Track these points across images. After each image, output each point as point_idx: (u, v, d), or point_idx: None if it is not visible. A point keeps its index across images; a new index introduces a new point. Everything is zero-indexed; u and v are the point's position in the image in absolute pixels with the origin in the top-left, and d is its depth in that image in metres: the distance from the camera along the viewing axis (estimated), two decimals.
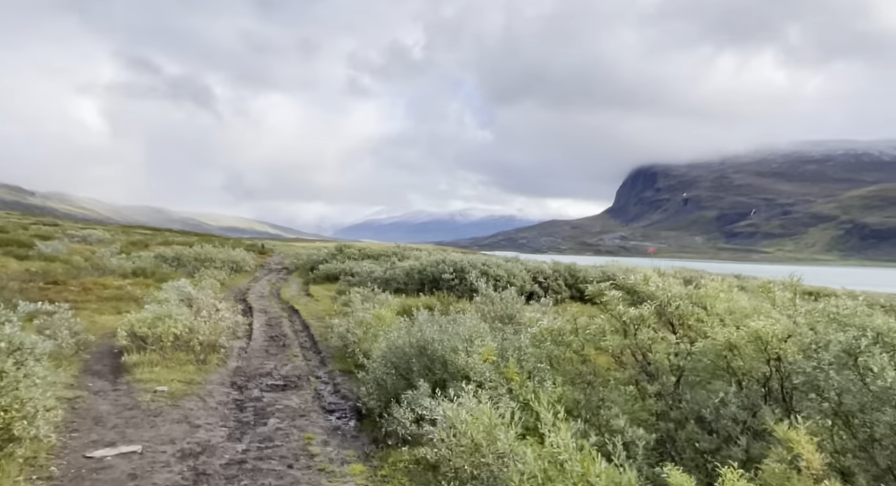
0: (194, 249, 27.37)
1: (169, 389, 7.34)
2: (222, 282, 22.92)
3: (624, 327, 5.23)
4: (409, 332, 7.02)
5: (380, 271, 20.89)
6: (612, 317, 5.29)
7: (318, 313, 15.99)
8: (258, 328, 13.01)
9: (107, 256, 27.32)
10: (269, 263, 39.63)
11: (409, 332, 7.04)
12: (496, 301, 9.19)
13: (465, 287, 18.06)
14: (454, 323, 6.77)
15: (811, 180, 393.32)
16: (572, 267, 19.15)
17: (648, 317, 4.87)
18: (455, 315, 7.61)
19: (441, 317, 8.12)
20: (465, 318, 7.24)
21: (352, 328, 10.16)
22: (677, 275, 21.59)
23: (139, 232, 58.82)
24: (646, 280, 5.51)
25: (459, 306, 12.73)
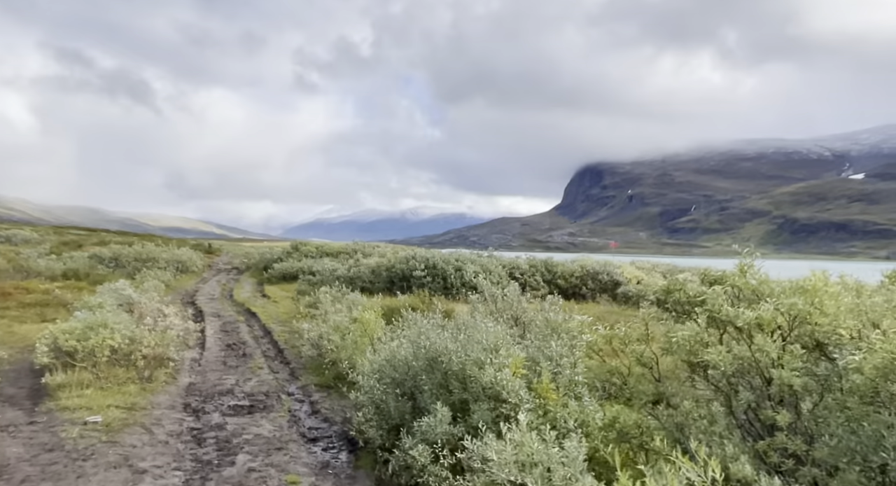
0: (134, 248, 25.04)
1: (104, 419, 5.74)
2: (167, 284, 20.84)
3: (731, 335, 4.07)
4: (414, 340, 5.70)
5: (343, 270, 19.34)
6: (711, 321, 4.12)
7: (279, 315, 14.38)
8: (212, 335, 11.35)
9: (33, 257, 24.66)
10: (217, 263, 37.28)
11: (412, 340, 5.72)
12: (499, 300, 7.95)
13: (437, 285, 16.78)
14: (472, 329, 5.48)
15: (746, 177, 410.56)
16: (549, 262, 18.16)
17: (769, 321, 3.74)
18: (465, 319, 6.33)
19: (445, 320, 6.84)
20: (480, 322, 5.98)
21: (327, 334, 8.72)
22: (654, 269, 21.02)
23: (72, 232, 54.81)
24: (742, 272, 4.35)
25: (445, 305, 11.46)
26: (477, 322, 6.10)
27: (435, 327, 6.22)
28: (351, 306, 11.37)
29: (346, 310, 11.12)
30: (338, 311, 10.97)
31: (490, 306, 8.03)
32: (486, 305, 8.23)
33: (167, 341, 7.73)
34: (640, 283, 16.62)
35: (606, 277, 16.71)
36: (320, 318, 10.88)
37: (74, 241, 41.09)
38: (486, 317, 7.39)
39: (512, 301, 7.85)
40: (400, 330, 8.09)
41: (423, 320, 6.56)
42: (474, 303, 8.55)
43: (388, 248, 27.73)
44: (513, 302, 7.84)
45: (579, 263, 18.04)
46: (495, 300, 7.96)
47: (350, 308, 11.22)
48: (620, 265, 17.84)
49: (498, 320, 7.68)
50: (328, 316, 10.80)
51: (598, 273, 16.87)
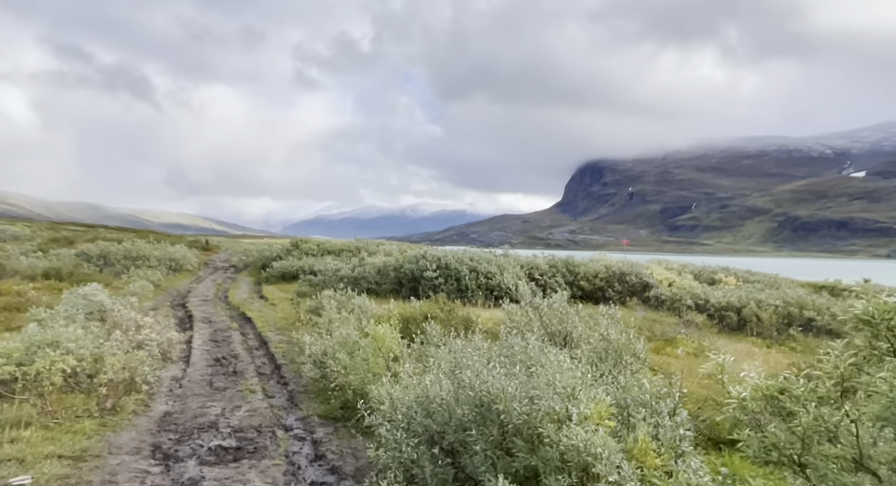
0: (124, 245, 23.56)
1: (35, 479, 4.29)
2: (157, 283, 19.40)
3: None
4: (452, 373, 4.27)
5: (347, 269, 17.88)
6: None
7: (277, 321, 12.95)
8: (200, 347, 9.90)
9: (15, 254, 23.21)
10: (214, 260, 35.83)
11: (450, 373, 4.29)
12: (544, 311, 6.51)
13: (451, 286, 15.34)
14: (533, 361, 4.04)
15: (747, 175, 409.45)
16: (570, 262, 16.71)
17: None
18: (512, 340, 4.89)
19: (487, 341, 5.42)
20: (533, 344, 4.56)
21: (332, 350, 7.29)
22: (684, 270, 19.58)
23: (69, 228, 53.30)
24: None
25: (467, 311, 10.02)
26: (530, 346, 4.68)
27: (474, 352, 4.80)
28: (359, 314, 9.93)
29: (353, 319, 9.69)
30: (344, 320, 9.54)
31: (529, 316, 6.60)
32: (526, 315, 6.80)
33: (136, 362, 6.28)
34: (672, 285, 15.19)
35: (635, 278, 15.27)
36: (323, 327, 9.44)
37: (66, 237, 39.59)
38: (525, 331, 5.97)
39: (560, 312, 6.41)
40: (422, 349, 6.67)
41: (458, 343, 5.14)
42: (510, 313, 7.12)
43: (393, 246, 26.28)
44: (560, 313, 6.40)
45: (603, 263, 16.59)
46: (539, 312, 6.51)
47: (359, 317, 9.78)
48: (648, 266, 16.41)
49: (545, 337, 6.25)
50: (333, 326, 9.37)
51: (626, 274, 15.42)
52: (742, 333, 11.50)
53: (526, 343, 4.81)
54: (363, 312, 10.07)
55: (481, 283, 15.25)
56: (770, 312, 11.52)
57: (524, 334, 6.05)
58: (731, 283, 16.36)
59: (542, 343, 4.84)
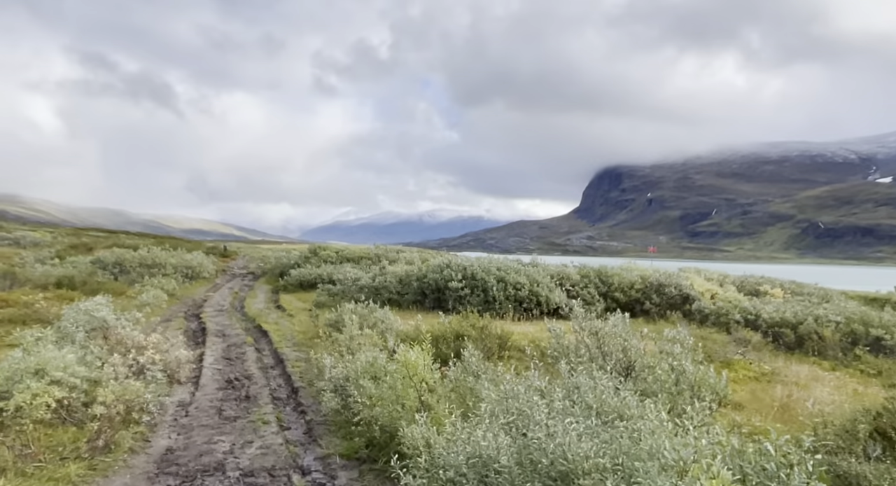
0: (140, 252, 23.05)
1: None
2: (171, 293, 18.80)
3: None
4: (510, 425, 3.41)
5: (367, 278, 17.10)
6: None
7: (295, 335, 12.18)
8: (211, 365, 9.15)
9: (30, 262, 22.84)
10: (232, 267, 35.37)
11: (508, 425, 3.43)
12: (601, 332, 5.58)
13: (477, 298, 14.46)
14: (617, 417, 3.17)
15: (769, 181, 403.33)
16: (603, 271, 15.73)
17: None
18: (579, 379, 4.02)
19: (545, 376, 4.55)
20: (603, 382, 3.69)
21: (354, 376, 6.48)
22: (725, 280, 18.49)
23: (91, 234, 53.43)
24: None
25: (499, 327, 9.14)
26: (599, 386, 3.79)
27: (530, 390, 3.94)
28: (384, 331, 9.11)
29: (376, 336, 8.87)
30: (367, 337, 8.72)
31: (584, 340, 5.70)
32: (578, 338, 5.90)
33: (133, 393, 5.49)
34: (715, 298, 14.15)
35: (674, 290, 14.26)
36: (344, 346, 8.63)
37: (85, 244, 39.42)
38: (575, 356, 5.08)
39: (623, 338, 5.50)
40: (459, 380, 5.81)
41: (507, 377, 4.28)
42: (557, 335, 6.22)
43: (414, 253, 25.49)
44: (624, 339, 5.49)
45: (638, 272, 15.60)
46: (598, 337, 5.60)
47: (383, 334, 8.96)
48: (688, 276, 15.37)
49: (604, 365, 5.35)
50: (354, 345, 8.56)
51: (664, 286, 14.42)
52: (800, 352, 10.47)
53: (594, 381, 3.93)
54: (388, 329, 9.25)
55: (510, 294, 14.35)
56: (832, 329, 10.48)
57: (575, 361, 5.17)
58: (778, 295, 15.27)
59: (605, 376, 3.95)
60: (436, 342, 8.15)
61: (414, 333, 8.63)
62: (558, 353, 5.99)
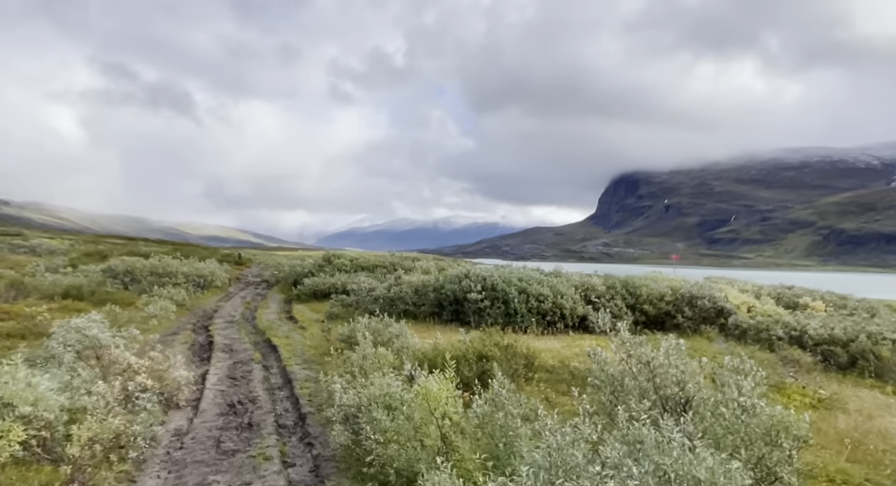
0: (150, 261, 22.62)
1: None
2: (181, 303, 18.27)
3: None
4: None
5: (382, 289, 16.43)
6: None
7: (306, 351, 11.51)
8: (214, 386, 8.49)
9: (41, 271, 22.51)
10: (246, 275, 34.96)
11: None
12: (654, 362, 4.77)
13: (497, 310, 13.71)
14: None
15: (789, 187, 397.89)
16: (630, 282, 14.89)
17: None
18: (641, 431, 3.28)
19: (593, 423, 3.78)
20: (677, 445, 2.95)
21: (367, 407, 5.78)
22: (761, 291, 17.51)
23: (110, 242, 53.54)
24: None
25: (523, 343, 8.38)
26: (666, 436, 3.04)
27: (580, 441, 3.19)
28: (400, 350, 8.40)
29: (392, 355, 8.16)
30: (381, 357, 8.02)
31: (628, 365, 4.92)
32: (626, 367, 5.12)
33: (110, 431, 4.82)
34: (752, 311, 13.25)
35: (708, 303, 13.38)
36: (357, 366, 7.93)
37: (100, 252, 39.27)
38: (618, 387, 4.32)
39: (679, 369, 4.71)
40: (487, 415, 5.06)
41: (551, 422, 3.53)
42: (601, 362, 5.45)
43: (430, 262, 24.79)
44: (681, 371, 4.70)
45: (667, 283, 14.74)
46: (651, 367, 4.82)
47: (399, 354, 8.25)
48: (722, 287, 14.48)
49: (656, 401, 4.58)
50: (368, 365, 7.86)
51: (697, 298, 13.54)
52: (854, 374, 9.57)
53: (660, 435, 3.18)
54: (404, 348, 8.54)
55: (532, 306, 13.58)
56: (888, 347, 9.58)
57: (622, 394, 4.40)
58: (820, 308, 14.30)
59: (673, 425, 3.20)
60: (456, 364, 7.43)
61: (432, 353, 7.91)
62: (600, 381, 5.23)
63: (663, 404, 4.60)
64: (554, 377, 8.13)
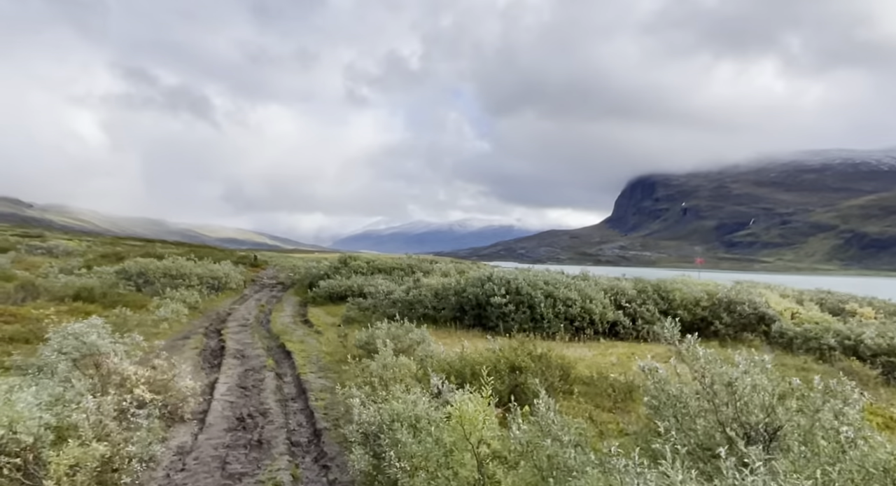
0: (163, 262, 22.20)
1: None
2: (193, 306, 17.77)
3: None
4: None
5: (400, 291, 15.78)
6: None
7: (321, 357, 10.88)
8: (222, 397, 7.88)
9: (54, 272, 22.19)
10: (261, 277, 34.56)
11: None
12: (737, 383, 3.99)
13: (522, 315, 12.98)
14: None
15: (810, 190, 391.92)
16: (662, 286, 14.08)
17: None
18: None
19: None
20: None
21: (390, 423, 5.12)
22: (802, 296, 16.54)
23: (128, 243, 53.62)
24: None
25: (549, 348, 7.65)
26: None
27: None
28: (424, 360, 7.72)
29: (414, 364, 7.49)
30: (403, 367, 7.35)
31: (704, 387, 4.19)
32: (701, 389, 4.39)
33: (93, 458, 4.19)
34: (796, 317, 12.38)
35: (748, 308, 12.53)
36: (376, 377, 7.27)
37: (117, 253, 39.13)
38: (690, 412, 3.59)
39: (765, 390, 3.95)
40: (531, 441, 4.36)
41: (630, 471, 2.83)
42: (658, 380, 4.72)
43: (449, 264, 24.11)
44: (766, 392, 3.94)
45: (701, 287, 13.91)
46: (732, 389, 4.05)
47: (422, 364, 7.57)
48: (762, 292, 13.61)
49: (738, 431, 3.84)
50: (388, 375, 7.19)
51: (736, 303, 12.70)
52: None
53: None
54: (429, 357, 7.86)
55: (559, 311, 12.84)
56: None
57: (690, 420, 3.68)
58: (869, 315, 13.39)
59: None
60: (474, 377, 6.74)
61: (459, 363, 7.22)
62: (658, 402, 4.50)
63: (746, 432, 3.87)
64: (592, 391, 7.39)
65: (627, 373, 8.36)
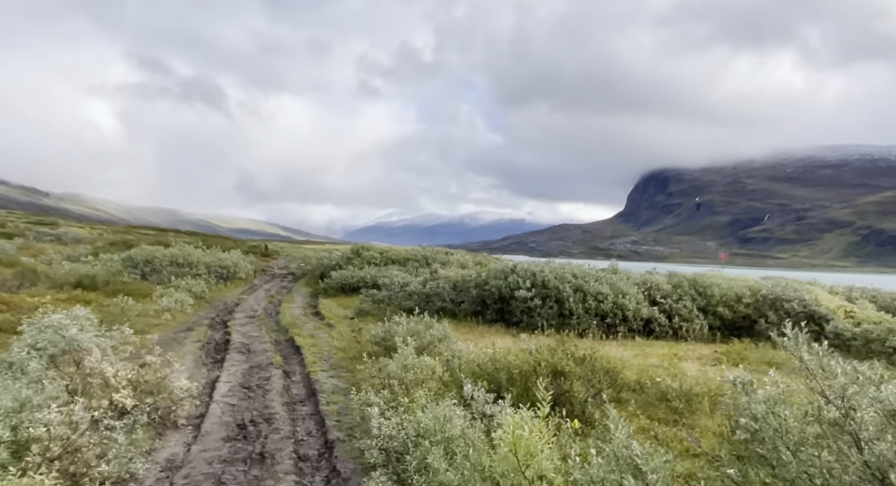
0: (170, 250, 21.45)
1: None
2: (200, 295, 16.99)
3: None
4: None
5: (416, 283, 14.87)
6: None
7: (333, 353, 10.01)
8: (223, 399, 7.02)
9: (58, 259, 21.53)
10: (272, 267, 33.89)
11: None
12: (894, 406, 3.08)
13: (550, 310, 12.03)
14: None
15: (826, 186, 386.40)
16: (699, 281, 13.06)
17: None
18: None
19: None
20: None
21: (415, 438, 4.24)
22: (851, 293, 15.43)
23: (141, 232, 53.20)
24: None
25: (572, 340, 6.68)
26: None
27: None
28: (449, 361, 6.80)
29: (440, 366, 6.58)
30: (426, 367, 6.44)
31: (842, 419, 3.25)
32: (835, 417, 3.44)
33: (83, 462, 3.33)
34: (852, 316, 11.32)
35: (797, 306, 11.49)
36: (396, 379, 6.38)
37: (126, 241, 38.53)
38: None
39: None
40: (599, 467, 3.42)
41: None
42: (754, 396, 3.76)
43: (467, 256, 23.17)
44: None
45: (742, 282, 12.88)
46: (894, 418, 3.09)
47: (448, 365, 6.65)
48: (810, 288, 12.55)
49: None
50: (410, 378, 6.30)
51: (782, 300, 11.67)
52: None
53: None
54: (457, 356, 6.93)
55: (589, 306, 11.86)
56: None
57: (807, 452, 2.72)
58: None
59: None
60: (523, 381, 5.81)
61: (490, 365, 6.29)
62: (759, 428, 3.56)
63: (865, 467, 2.92)
64: (643, 399, 6.45)
65: (676, 377, 7.40)
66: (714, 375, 8.12)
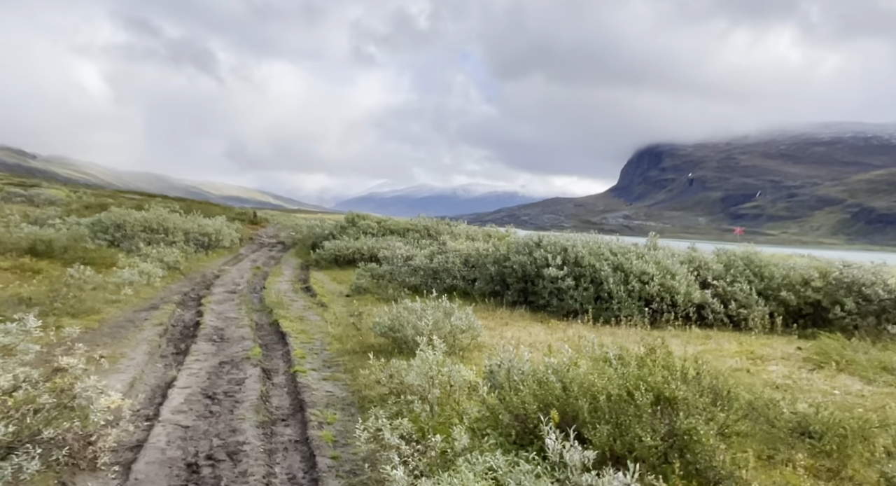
0: (142, 214, 19.27)
1: None
2: (173, 265, 14.93)
3: None
4: None
5: (422, 257, 12.88)
6: None
7: (327, 344, 8.02)
8: (172, 417, 5.04)
9: (16, 221, 19.31)
10: (260, 235, 31.83)
11: None
12: None
13: (585, 293, 10.08)
14: None
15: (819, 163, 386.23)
16: (754, 259, 11.15)
17: None
18: None
19: None
20: None
21: None
22: None
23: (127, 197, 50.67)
24: None
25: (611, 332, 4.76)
26: None
27: None
28: (493, 373, 4.84)
29: (482, 382, 4.61)
30: (460, 385, 4.49)
31: None
32: None
33: None
34: None
35: (882, 291, 9.63)
36: (417, 396, 4.45)
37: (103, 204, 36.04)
38: None
39: None
40: None
41: None
42: None
43: (474, 227, 21.12)
44: None
45: (809, 263, 11.00)
46: None
47: (491, 377, 4.71)
48: (889, 269, 10.65)
49: None
50: (434, 395, 4.35)
51: (861, 284, 9.80)
52: None
53: None
54: (500, 364, 4.96)
55: (632, 289, 9.93)
56: None
57: None
58: None
59: None
60: (614, 414, 3.88)
61: (559, 385, 4.33)
62: None
63: None
64: (766, 431, 4.57)
65: (795, 394, 5.51)
66: (825, 385, 6.25)
